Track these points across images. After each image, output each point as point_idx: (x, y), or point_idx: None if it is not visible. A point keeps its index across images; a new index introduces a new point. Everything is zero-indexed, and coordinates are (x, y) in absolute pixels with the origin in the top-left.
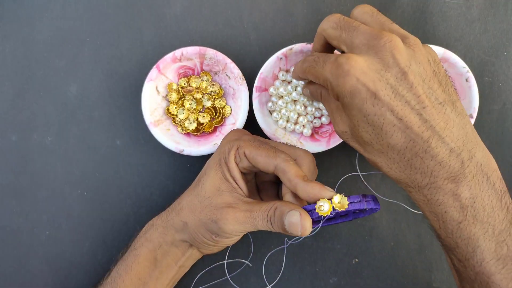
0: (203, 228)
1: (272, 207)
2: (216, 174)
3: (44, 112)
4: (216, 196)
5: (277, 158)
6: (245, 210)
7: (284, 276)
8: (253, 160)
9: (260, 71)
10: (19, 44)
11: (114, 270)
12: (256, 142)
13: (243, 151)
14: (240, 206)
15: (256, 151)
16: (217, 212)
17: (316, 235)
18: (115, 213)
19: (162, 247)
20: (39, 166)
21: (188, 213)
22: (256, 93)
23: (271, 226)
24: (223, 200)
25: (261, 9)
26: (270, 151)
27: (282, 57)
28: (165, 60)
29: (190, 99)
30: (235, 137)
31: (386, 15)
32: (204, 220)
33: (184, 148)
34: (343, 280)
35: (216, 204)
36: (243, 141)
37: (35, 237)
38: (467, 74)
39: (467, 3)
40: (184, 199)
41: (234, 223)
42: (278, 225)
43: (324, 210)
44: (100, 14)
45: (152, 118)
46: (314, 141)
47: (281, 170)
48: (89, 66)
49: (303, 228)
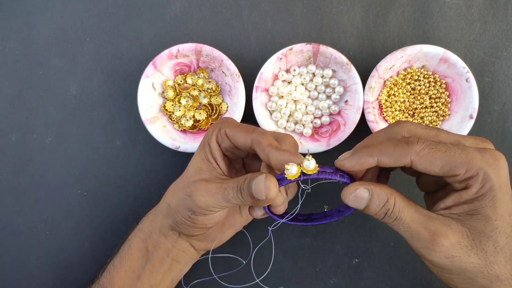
0: (182, 207)
1: (244, 177)
2: (199, 156)
3: (44, 112)
4: (196, 175)
5: (253, 133)
6: (217, 182)
7: (284, 276)
8: (232, 137)
9: (260, 71)
10: (19, 44)
11: (110, 262)
12: (238, 123)
13: (224, 131)
14: (213, 180)
15: (235, 129)
16: (191, 185)
17: (316, 235)
18: (114, 213)
19: (152, 237)
20: (39, 166)
21: (171, 195)
22: (256, 93)
23: (240, 196)
24: (201, 177)
25: (261, 9)
26: (248, 128)
27: (282, 57)
28: (161, 56)
29: (187, 96)
30: (219, 121)
31: (386, 15)
32: (182, 196)
33: (180, 145)
34: (343, 280)
35: (193, 180)
36: (225, 123)
37: (35, 236)
38: (467, 74)
39: (467, 3)
40: (171, 184)
41: (205, 195)
42: (246, 192)
43: (291, 173)
44: (100, 14)
45: (148, 115)
46: (314, 141)
47: (257, 142)
48: (89, 66)
49: (267, 188)
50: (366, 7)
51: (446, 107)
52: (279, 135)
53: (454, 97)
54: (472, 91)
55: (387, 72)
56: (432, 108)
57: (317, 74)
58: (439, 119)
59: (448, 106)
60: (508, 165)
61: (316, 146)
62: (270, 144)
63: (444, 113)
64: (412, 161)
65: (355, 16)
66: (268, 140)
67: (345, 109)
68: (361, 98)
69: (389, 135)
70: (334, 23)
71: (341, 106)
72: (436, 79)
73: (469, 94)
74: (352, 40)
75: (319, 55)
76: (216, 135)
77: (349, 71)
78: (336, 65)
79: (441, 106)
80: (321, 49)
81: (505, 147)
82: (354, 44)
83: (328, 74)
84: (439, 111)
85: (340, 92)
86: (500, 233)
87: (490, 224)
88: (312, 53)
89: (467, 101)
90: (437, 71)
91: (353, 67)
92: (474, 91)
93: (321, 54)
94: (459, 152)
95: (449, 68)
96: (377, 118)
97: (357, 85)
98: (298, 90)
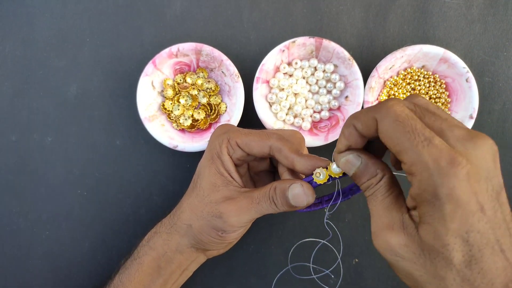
0: (208, 227)
1: (272, 187)
2: (210, 171)
3: (44, 112)
4: (214, 193)
5: (270, 139)
6: (246, 198)
7: (284, 276)
8: (247, 146)
9: (262, 62)
10: (19, 44)
11: (116, 278)
12: (245, 130)
13: (234, 141)
14: (239, 196)
15: (247, 137)
16: (219, 207)
17: (316, 235)
18: (114, 213)
19: (167, 255)
20: (39, 166)
21: (190, 215)
22: (257, 84)
23: (275, 206)
24: (222, 195)
25: (261, 9)
26: (261, 134)
27: (284, 49)
28: (161, 55)
29: (186, 96)
30: (222, 131)
31: (386, 15)
32: (208, 218)
33: (178, 144)
34: (343, 280)
35: (215, 199)
36: (232, 132)
37: (35, 236)
38: (467, 74)
39: (467, 3)
40: (184, 202)
41: (238, 214)
42: (282, 202)
43: (320, 178)
44: (100, 14)
45: (147, 113)
46: (313, 135)
47: (277, 148)
48: (89, 66)
49: (307, 195)
50: (366, 7)
51: (446, 107)
52: (285, 133)
53: (454, 97)
54: (472, 91)
55: (387, 72)
56: None
57: (319, 68)
58: None
59: (448, 106)
60: (500, 163)
61: (314, 140)
62: (292, 150)
63: None
64: (378, 125)
65: (355, 16)
66: (288, 146)
67: (345, 105)
68: (361, 94)
69: None
70: (334, 23)
71: (341, 102)
72: (436, 79)
73: (469, 94)
74: (352, 40)
75: (321, 49)
76: (226, 147)
77: (351, 67)
78: (338, 60)
79: (441, 106)
80: (324, 43)
81: (505, 147)
82: (354, 44)
83: (330, 68)
84: None
85: (341, 87)
86: (454, 251)
87: (439, 239)
88: (315, 47)
89: (467, 101)
90: (437, 71)
91: (355, 63)
92: (474, 91)
93: (323, 48)
94: (423, 137)
95: (449, 68)
96: None
97: (358, 81)
98: (299, 84)
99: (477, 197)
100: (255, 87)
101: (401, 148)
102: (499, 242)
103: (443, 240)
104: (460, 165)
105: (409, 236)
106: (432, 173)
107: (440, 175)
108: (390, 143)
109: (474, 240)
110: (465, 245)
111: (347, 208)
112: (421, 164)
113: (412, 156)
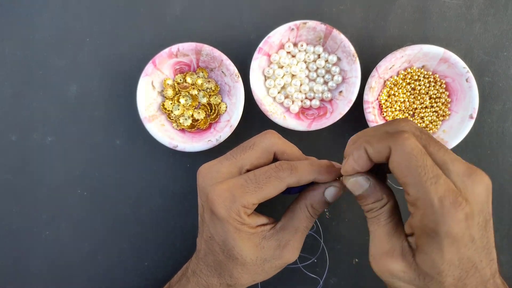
0: (274, 272)
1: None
2: (245, 243)
3: (44, 112)
4: (264, 262)
5: (284, 180)
6: (294, 235)
7: (285, 276)
8: (264, 199)
9: (269, 35)
10: (19, 44)
11: None
12: (251, 186)
13: (249, 204)
14: (290, 239)
15: (261, 193)
16: (280, 261)
17: (316, 235)
18: (114, 213)
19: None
20: (39, 166)
21: (249, 278)
22: (258, 54)
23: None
24: (271, 253)
25: (261, 9)
26: (272, 182)
27: (294, 28)
28: (161, 55)
29: (186, 95)
30: (229, 200)
31: (387, 15)
32: (272, 271)
33: (178, 144)
34: (343, 280)
35: (270, 257)
36: (240, 198)
37: (35, 237)
38: (467, 74)
39: (467, 3)
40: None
41: (297, 250)
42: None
43: None
44: (100, 14)
45: (146, 113)
46: (298, 119)
47: (294, 182)
48: (89, 66)
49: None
50: (366, 7)
51: (446, 107)
52: (286, 149)
53: (454, 97)
54: (472, 91)
55: (387, 72)
56: (432, 108)
57: (322, 57)
58: (439, 119)
59: (448, 106)
60: (497, 158)
61: (297, 125)
62: (305, 172)
63: (444, 113)
64: (391, 154)
65: (355, 16)
66: (300, 174)
67: (337, 99)
68: (355, 92)
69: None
70: (334, 23)
71: (334, 95)
72: (436, 79)
73: (469, 94)
74: (352, 40)
75: (329, 39)
76: (243, 216)
77: (353, 63)
78: (343, 53)
79: (441, 106)
80: (334, 33)
81: (505, 147)
82: (354, 44)
83: (333, 60)
84: (439, 111)
85: (338, 81)
86: (446, 276)
87: (435, 267)
88: (324, 34)
89: (467, 101)
90: (437, 71)
91: (358, 60)
92: (474, 91)
93: (332, 38)
94: (432, 175)
95: (449, 68)
96: (377, 118)
97: (357, 79)
98: (298, 66)
99: (470, 231)
100: (255, 57)
101: (410, 181)
102: (481, 262)
103: (439, 269)
104: (460, 206)
105: (408, 263)
106: (435, 211)
107: (442, 214)
108: (400, 174)
109: (463, 265)
110: (456, 270)
111: (347, 208)
112: (427, 200)
113: (419, 191)
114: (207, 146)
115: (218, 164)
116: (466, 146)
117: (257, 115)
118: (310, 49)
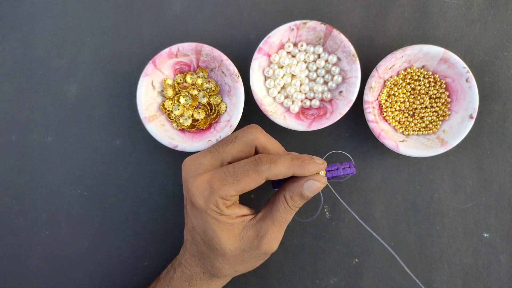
0: (255, 263)
1: (282, 199)
2: (224, 235)
3: (44, 112)
4: (243, 253)
5: (262, 173)
6: (274, 225)
7: (284, 276)
8: (242, 191)
9: (269, 35)
10: (19, 44)
11: None
12: (229, 178)
13: (228, 195)
14: (270, 228)
15: (239, 185)
16: (259, 250)
17: (316, 235)
18: (114, 213)
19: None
20: (39, 166)
21: (230, 267)
22: (258, 54)
23: (294, 208)
24: (250, 243)
25: (261, 9)
26: (250, 174)
27: (294, 28)
28: (161, 55)
29: (186, 95)
30: (207, 192)
31: (387, 15)
32: (252, 262)
33: (178, 144)
34: (343, 280)
35: (250, 247)
36: (219, 190)
37: (35, 236)
38: (467, 74)
39: (467, 3)
40: (214, 266)
41: (277, 240)
42: (300, 198)
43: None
44: (100, 14)
45: (146, 113)
46: (298, 119)
47: (273, 175)
48: (89, 66)
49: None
50: (366, 7)
51: (446, 107)
52: (267, 143)
53: (454, 97)
54: (472, 91)
55: (387, 72)
56: (432, 108)
57: (322, 57)
58: (439, 119)
59: (448, 106)
60: (497, 158)
61: (297, 125)
62: (286, 166)
63: (444, 113)
64: None
65: (355, 16)
66: (280, 168)
67: (337, 99)
68: (355, 92)
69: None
70: (334, 23)
71: (334, 95)
72: (436, 79)
73: (469, 94)
74: (352, 40)
75: (329, 39)
76: (221, 208)
77: (353, 63)
78: (342, 53)
79: (441, 106)
80: (334, 33)
81: (505, 147)
82: (354, 44)
83: (333, 60)
84: (439, 111)
85: (338, 81)
86: None
87: None
88: (324, 34)
89: (467, 101)
90: (437, 71)
91: (358, 60)
92: (474, 91)
93: (332, 38)
94: None
95: (449, 68)
96: (377, 118)
97: (357, 79)
98: (299, 66)
99: None
100: (255, 57)
101: None
102: None
103: None
104: None
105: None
106: None
107: None
108: None
109: None
110: None
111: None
112: None
113: None
114: (207, 146)
115: (201, 157)
116: (466, 146)
117: (257, 115)
118: (310, 49)
